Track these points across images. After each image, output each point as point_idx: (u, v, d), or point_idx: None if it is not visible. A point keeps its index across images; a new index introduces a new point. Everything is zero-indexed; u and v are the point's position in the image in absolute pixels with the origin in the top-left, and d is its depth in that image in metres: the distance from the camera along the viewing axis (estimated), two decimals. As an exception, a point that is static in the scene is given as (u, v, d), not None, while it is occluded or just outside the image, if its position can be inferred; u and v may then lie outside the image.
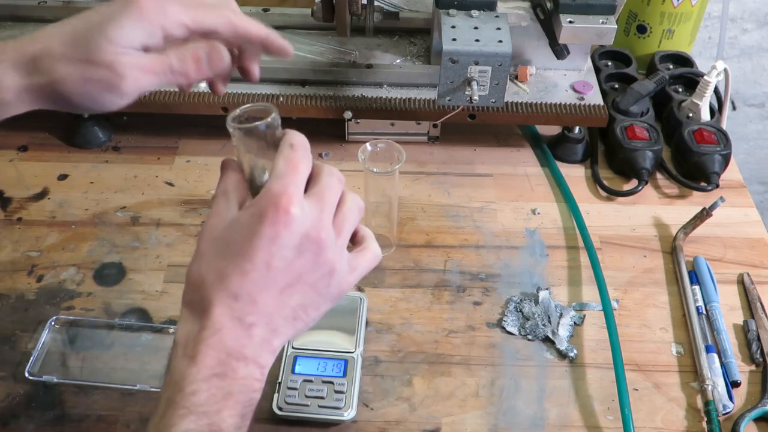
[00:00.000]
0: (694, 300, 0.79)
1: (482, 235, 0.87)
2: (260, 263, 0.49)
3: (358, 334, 0.74)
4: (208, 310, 0.49)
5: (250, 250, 0.48)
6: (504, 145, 0.99)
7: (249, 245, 0.48)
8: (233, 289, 0.49)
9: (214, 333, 0.48)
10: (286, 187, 0.49)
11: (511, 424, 0.70)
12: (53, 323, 0.75)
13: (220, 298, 0.49)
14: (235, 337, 0.49)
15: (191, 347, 0.48)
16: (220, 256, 0.49)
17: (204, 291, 0.49)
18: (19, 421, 0.69)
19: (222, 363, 0.48)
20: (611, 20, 0.87)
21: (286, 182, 0.49)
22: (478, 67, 0.82)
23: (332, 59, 0.97)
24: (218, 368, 0.48)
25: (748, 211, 0.91)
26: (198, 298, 0.49)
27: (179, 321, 0.51)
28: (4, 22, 1.03)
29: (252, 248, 0.48)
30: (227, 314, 0.49)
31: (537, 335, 0.76)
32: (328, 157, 0.97)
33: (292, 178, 0.49)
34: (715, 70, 0.94)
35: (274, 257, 0.49)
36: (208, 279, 0.49)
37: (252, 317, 0.49)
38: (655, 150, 0.92)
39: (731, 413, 0.70)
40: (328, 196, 0.51)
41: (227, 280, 0.49)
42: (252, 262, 0.48)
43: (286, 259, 0.49)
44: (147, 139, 0.99)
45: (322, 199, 0.51)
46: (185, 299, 0.50)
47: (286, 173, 0.49)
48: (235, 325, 0.49)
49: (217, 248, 0.50)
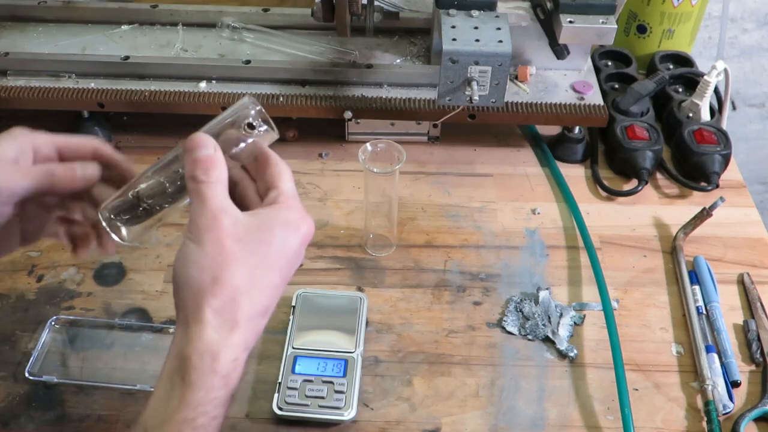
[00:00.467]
0: (694, 300, 0.79)
1: (482, 235, 0.87)
2: (287, 276, 0.52)
3: (358, 334, 0.74)
4: (239, 324, 0.49)
5: (285, 264, 0.51)
6: (504, 145, 0.99)
7: (285, 259, 0.51)
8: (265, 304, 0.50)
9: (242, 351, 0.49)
10: (301, 207, 0.52)
11: (511, 424, 0.70)
12: (53, 323, 0.75)
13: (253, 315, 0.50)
14: (249, 347, 0.50)
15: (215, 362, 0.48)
16: (257, 265, 0.49)
17: (240, 302, 0.49)
18: (19, 421, 0.69)
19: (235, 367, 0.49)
20: (611, 20, 0.87)
21: (297, 201, 0.52)
22: (478, 67, 0.82)
23: (332, 59, 0.97)
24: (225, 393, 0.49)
25: (748, 211, 0.91)
26: (231, 308, 0.48)
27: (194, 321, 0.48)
28: (4, 22, 1.03)
29: (288, 262, 0.51)
30: (255, 331, 0.50)
31: (537, 335, 0.76)
32: (328, 157, 0.97)
33: None
34: (715, 70, 0.94)
35: (292, 270, 0.52)
36: (244, 290, 0.49)
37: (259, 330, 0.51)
38: (655, 150, 0.92)
39: (731, 413, 0.70)
40: None
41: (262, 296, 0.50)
42: (282, 276, 0.51)
43: (292, 270, 0.53)
44: (147, 139, 0.99)
45: None
46: (210, 303, 0.48)
47: (295, 192, 0.53)
48: (254, 338, 0.50)
49: (251, 253, 0.49)
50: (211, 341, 0.47)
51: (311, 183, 0.93)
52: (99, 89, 0.93)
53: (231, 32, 1.00)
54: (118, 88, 0.93)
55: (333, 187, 0.93)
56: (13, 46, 0.98)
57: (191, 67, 0.94)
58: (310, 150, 0.98)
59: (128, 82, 0.94)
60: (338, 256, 0.84)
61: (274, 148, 0.98)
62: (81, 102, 0.93)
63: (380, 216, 0.84)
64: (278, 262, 0.50)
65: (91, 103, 0.93)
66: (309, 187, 0.93)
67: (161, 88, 0.93)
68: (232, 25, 1.00)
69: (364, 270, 0.83)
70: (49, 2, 1.02)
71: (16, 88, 0.93)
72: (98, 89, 0.93)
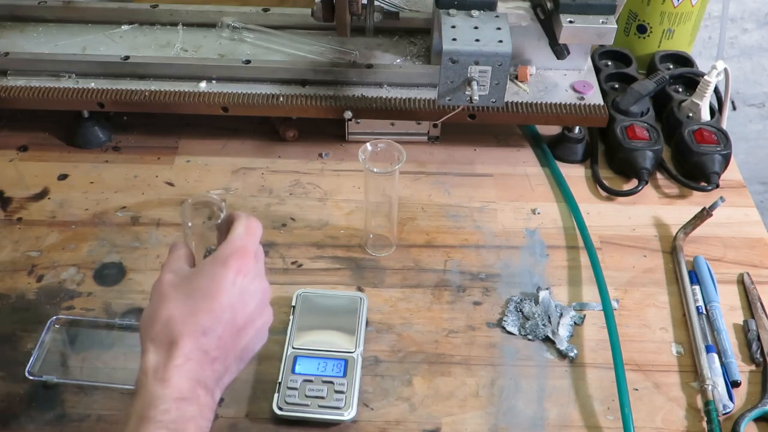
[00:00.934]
0: (694, 300, 0.79)
1: (482, 235, 0.87)
2: (225, 303, 0.57)
3: (358, 334, 0.74)
4: (177, 342, 0.54)
5: (216, 291, 0.57)
6: (504, 145, 0.99)
7: (215, 287, 0.57)
8: (203, 324, 0.56)
9: (185, 361, 0.54)
10: (246, 243, 0.59)
11: (511, 424, 0.70)
12: (53, 323, 0.75)
13: (190, 332, 0.55)
14: (201, 367, 0.55)
15: (161, 372, 0.54)
16: (187, 296, 0.56)
17: (173, 326, 0.55)
18: (19, 421, 0.69)
19: (190, 388, 0.54)
20: (611, 20, 0.87)
21: (246, 241, 0.59)
22: (478, 67, 0.82)
23: (332, 59, 0.97)
24: (186, 392, 0.54)
25: (748, 211, 0.91)
26: (165, 333, 0.55)
27: (143, 354, 0.55)
28: (4, 22, 1.03)
29: (218, 289, 0.57)
30: (196, 347, 0.55)
31: (537, 335, 0.76)
32: (328, 157, 0.97)
33: (251, 239, 0.60)
34: (715, 70, 0.94)
35: (234, 297, 0.57)
36: (176, 316, 0.56)
37: (215, 352, 0.56)
38: (655, 150, 0.92)
39: (731, 413, 0.70)
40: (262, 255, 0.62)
41: (196, 317, 0.56)
42: (218, 301, 0.56)
43: (244, 300, 0.58)
44: (147, 139, 0.99)
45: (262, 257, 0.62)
46: (149, 336, 0.56)
47: (246, 235, 0.60)
48: (201, 357, 0.55)
49: (183, 291, 0.57)
50: (153, 362, 0.54)
51: (311, 183, 0.93)
52: (99, 89, 0.93)
53: (231, 32, 1.01)
54: (118, 88, 0.93)
55: (333, 187, 0.93)
56: (13, 46, 0.98)
57: (191, 67, 0.94)
58: (310, 150, 0.98)
59: (128, 82, 0.94)
60: (338, 256, 0.84)
61: (275, 148, 0.99)
62: (81, 102, 0.93)
63: (380, 216, 0.84)
64: (210, 292, 0.56)
65: (91, 103, 0.93)
66: (309, 187, 0.93)
67: (161, 88, 0.93)
68: (232, 25, 1.00)
69: (364, 270, 0.83)
70: (49, 2, 1.02)
71: (16, 88, 0.93)
72: (98, 89, 0.93)
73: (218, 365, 0.56)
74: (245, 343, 0.59)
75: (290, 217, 0.89)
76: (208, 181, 0.93)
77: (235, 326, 0.57)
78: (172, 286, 0.57)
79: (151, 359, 0.55)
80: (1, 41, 0.99)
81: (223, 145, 0.98)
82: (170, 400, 0.53)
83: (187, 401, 0.53)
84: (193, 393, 0.54)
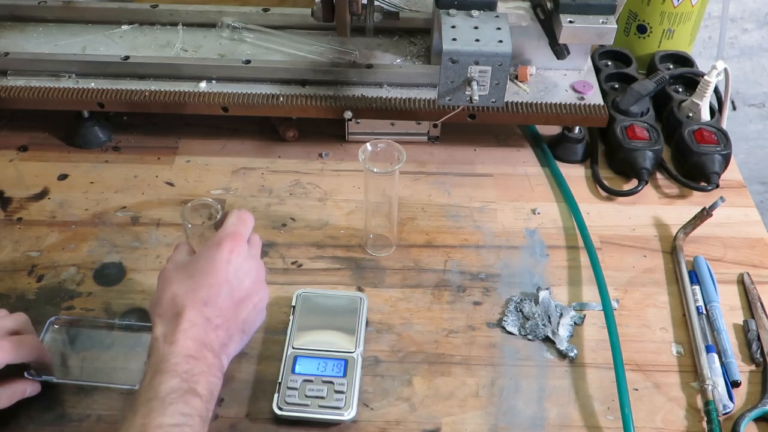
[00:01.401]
0: (694, 300, 0.79)
1: (482, 235, 0.87)
2: (222, 278, 0.64)
3: (358, 334, 0.74)
4: (182, 313, 0.61)
5: (213, 269, 0.64)
6: (504, 145, 0.99)
7: (212, 265, 0.64)
8: (203, 297, 0.63)
9: (190, 326, 0.61)
10: (237, 228, 0.67)
11: (511, 424, 0.70)
12: (52, 324, 0.75)
13: (193, 304, 0.62)
14: (206, 332, 0.62)
15: (170, 336, 0.60)
16: (188, 277, 0.64)
17: (177, 301, 0.62)
18: (19, 421, 0.69)
19: (197, 348, 0.60)
20: (611, 20, 0.87)
21: (238, 227, 0.67)
22: (478, 67, 0.82)
23: (332, 59, 0.97)
24: (194, 351, 0.60)
25: (748, 211, 0.91)
26: (171, 307, 0.62)
27: (153, 328, 0.62)
28: (4, 22, 1.03)
29: (215, 267, 0.64)
30: (199, 314, 0.62)
31: (537, 335, 0.76)
32: (328, 157, 0.97)
33: (242, 225, 0.68)
34: (715, 70, 0.94)
35: (230, 274, 0.64)
36: (179, 293, 0.63)
37: (217, 320, 0.63)
38: (655, 150, 0.92)
39: (731, 413, 0.70)
40: (256, 241, 0.70)
41: (197, 292, 0.63)
42: (216, 277, 0.64)
43: (239, 277, 0.65)
44: (147, 139, 0.99)
45: (257, 243, 0.70)
46: (157, 312, 0.63)
47: (237, 222, 0.67)
48: (205, 323, 0.62)
49: (184, 273, 0.64)
50: (161, 330, 0.61)
51: (311, 183, 0.93)
52: (99, 89, 0.93)
53: (231, 32, 1.01)
54: (118, 88, 0.93)
55: (333, 187, 0.93)
56: (13, 46, 0.98)
57: (191, 67, 0.94)
58: (310, 150, 0.98)
59: (128, 82, 0.94)
60: (338, 256, 0.84)
61: (275, 148, 0.99)
62: (81, 102, 0.93)
63: (380, 216, 0.84)
64: (208, 269, 0.64)
65: (91, 103, 0.93)
66: (309, 187, 0.93)
67: (161, 88, 0.93)
68: (232, 25, 1.00)
69: (364, 270, 0.83)
70: (49, 2, 1.02)
71: (16, 88, 0.93)
72: (98, 89, 0.93)
73: (221, 332, 0.63)
74: (245, 315, 0.66)
75: (290, 217, 0.89)
76: (208, 181, 0.93)
77: (234, 299, 0.64)
78: (174, 271, 0.65)
79: (159, 329, 0.61)
80: (1, 41, 0.99)
81: (223, 145, 0.98)
82: (180, 356, 0.59)
83: (195, 359, 0.60)
84: (200, 353, 0.60)
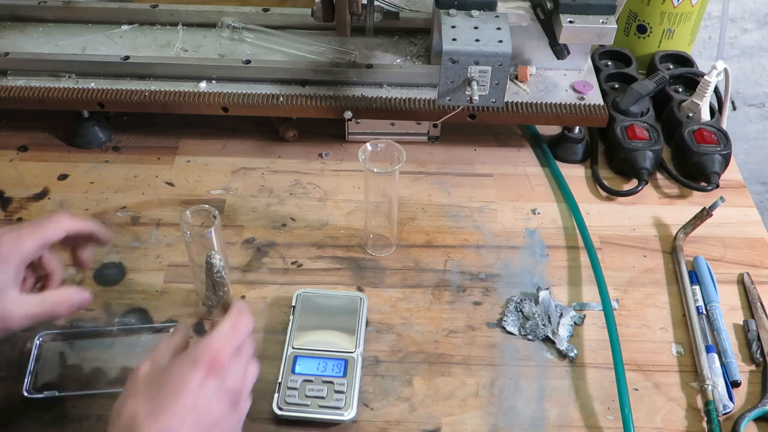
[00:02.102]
0: (694, 300, 0.79)
1: (482, 235, 0.87)
2: (189, 405, 0.55)
3: (358, 334, 0.74)
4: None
5: (182, 393, 0.55)
6: (504, 145, 0.99)
7: (182, 388, 0.55)
8: (163, 425, 0.54)
9: None
10: (223, 346, 0.57)
11: (511, 424, 0.70)
12: (42, 339, 0.74)
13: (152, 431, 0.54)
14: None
15: None
16: (155, 394, 0.55)
17: (136, 423, 0.54)
18: (19, 421, 0.69)
19: None
20: (611, 20, 0.87)
21: (225, 342, 0.57)
22: (478, 67, 0.82)
23: (332, 59, 0.97)
24: None
25: (748, 211, 0.91)
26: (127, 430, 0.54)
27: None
28: (4, 22, 1.03)
29: (184, 391, 0.55)
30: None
31: (537, 335, 0.76)
32: (328, 157, 0.97)
33: (232, 339, 0.58)
34: (715, 70, 0.94)
35: (200, 401, 0.55)
36: (140, 415, 0.54)
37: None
38: (655, 150, 0.92)
39: (731, 413, 0.70)
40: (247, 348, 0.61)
41: (159, 418, 0.54)
42: (183, 402, 0.54)
43: (210, 404, 0.56)
44: (147, 139, 0.99)
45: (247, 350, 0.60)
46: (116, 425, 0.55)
47: (228, 334, 0.58)
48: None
49: (153, 388, 0.56)
50: None
51: (311, 183, 0.93)
52: (99, 89, 0.93)
53: (231, 32, 1.01)
54: (118, 88, 0.93)
55: (333, 187, 0.93)
56: (13, 46, 0.98)
57: (191, 67, 0.94)
58: (310, 150, 0.98)
59: (128, 82, 0.94)
60: (338, 256, 0.84)
61: (275, 148, 0.99)
62: (81, 102, 0.93)
63: (380, 216, 0.84)
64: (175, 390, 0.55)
65: (91, 103, 0.93)
66: (309, 187, 0.93)
67: (161, 88, 0.93)
68: (232, 25, 1.00)
69: (364, 270, 0.83)
70: (49, 2, 1.02)
71: (16, 88, 0.93)
72: (98, 89, 0.93)
73: None
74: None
75: (290, 217, 0.89)
76: (208, 181, 0.93)
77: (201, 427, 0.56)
78: (144, 380, 0.57)
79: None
80: (1, 41, 0.99)
81: (223, 145, 0.98)
82: None
83: None
84: None
